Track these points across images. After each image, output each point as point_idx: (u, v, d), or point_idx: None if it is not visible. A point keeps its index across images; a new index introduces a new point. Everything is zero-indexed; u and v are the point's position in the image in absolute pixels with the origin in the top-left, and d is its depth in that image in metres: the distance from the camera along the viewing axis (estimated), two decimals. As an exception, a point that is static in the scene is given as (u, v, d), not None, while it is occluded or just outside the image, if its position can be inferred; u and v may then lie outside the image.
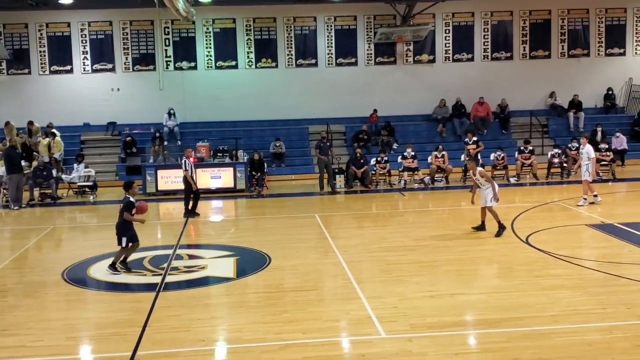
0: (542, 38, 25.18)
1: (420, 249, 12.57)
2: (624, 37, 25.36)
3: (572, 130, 23.95)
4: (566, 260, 11.40)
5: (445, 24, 25.02)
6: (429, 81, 24.93)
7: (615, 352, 7.50)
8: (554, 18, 25.15)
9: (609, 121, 24.16)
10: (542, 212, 16.01)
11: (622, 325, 8.30)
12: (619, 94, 25.47)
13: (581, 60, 25.30)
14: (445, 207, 17.47)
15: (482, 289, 10.01)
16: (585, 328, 8.24)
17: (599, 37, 25.34)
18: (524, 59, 25.22)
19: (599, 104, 25.39)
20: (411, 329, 8.35)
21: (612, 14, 25.34)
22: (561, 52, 25.29)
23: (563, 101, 24.73)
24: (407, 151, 20.96)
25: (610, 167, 20.96)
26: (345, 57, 24.92)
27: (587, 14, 25.25)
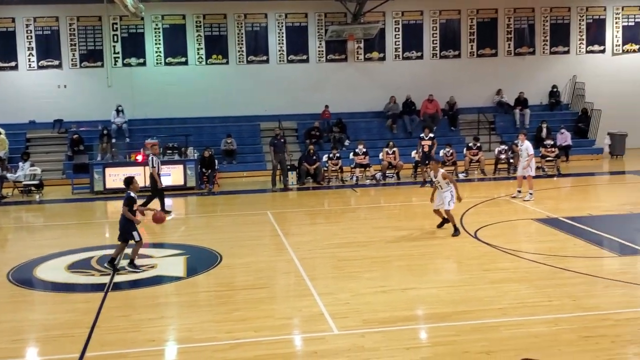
0: (489, 37, 25.63)
1: (372, 244, 12.65)
2: (568, 36, 25.99)
3: (519, 126, 24.44)
4: (513, 254, 11.63)
5: (395, 22, 25.23)
6: (379, 78, 25.11)
7: (560, 344, 7.69)
8: (500, 17, 25.62)
9: (553, 118, 24.74)
10: (489, 207, 16.30)
11: (568, 317, 8.52)
12: (564, 91, 26.09)
13: (527, 58, 25.83)
14: (397, 203, 17.63)
15: (433, 283, 10.14)
16: (532, 320, 8.43)
17: (544, 35, 25.90)
18: (471, 57, 25.62)
19: (544, 101, 25.97)
20: (363, 324, 8.41)
21: (556, 13, 25.94)
22: (507, 51, 25.76)
23: (509, 98, 25.22)
24: (359, 148, 21.09)
25: (555, 162, 21.48)
26: (296, 54, 24.91)
27: (533, 13, 25.79)
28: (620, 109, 25.23)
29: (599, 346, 7.58)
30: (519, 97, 24.97)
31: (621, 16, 26.08)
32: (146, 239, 14.51)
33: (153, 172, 16.23)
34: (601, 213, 15.19)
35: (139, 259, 11.52)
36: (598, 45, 26.06)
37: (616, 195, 18.13)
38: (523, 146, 16.85)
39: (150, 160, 16.42)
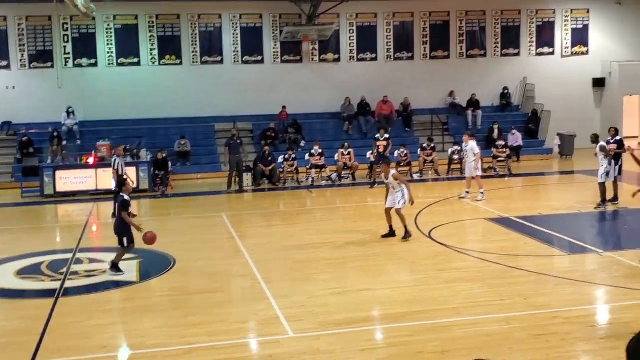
0: (442, 39, 25.93)
1: (327, 246, 12.67)
2: (518, 38, 26.46)
3: (471, 127, 24.76)
4: (466, 254, 11.79)
5: (350, 24, 25.33)
6: (334, 80, 25.18)
7: (512, 342, 7.82)
8: (452, 20, 25.94)
9: (505, 119, 25.15)
10: (443, 207, 16.50)
11: (519, 316, 8.66)
12: (514, 92, 26.56)
13: (478, 60, 26.22)
14: (352, 204, 17.70)
15: (387, 284, 10.21)
16: (485, 319, 8.55)
17: (495, 38, 26.33)
18: (424, 59, 25.88)
19: (496, 103, 26.39)
20: (319, 327, 8.41)
21: (507, 16, 26.39)
22: (460, 53, 26.11)
23: (462, 100, 25.56)
24: (315, 149, 21.11)
25: (506, 163, 21.86)
26: (251, 55, 24.79)
27: (484, 15, 26.19)
28: (569, 110, 25.81)
29: (549, 344, 7.72)
30: (471, 98, 25.33)
31: (570, 19, 26.68)
32: (97, 243, 14.29)
33: (113, 174, 16.14)
34: (551, 212, 15.51)
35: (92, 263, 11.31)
36: (548, 47, 26.61)
37: (566, 194, 18.55)
38: (468, 147, 17.10)
39: (113, 162, 16.34)
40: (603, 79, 26.63)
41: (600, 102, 26.92)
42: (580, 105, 26.49)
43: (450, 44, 25.96)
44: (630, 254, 11.48)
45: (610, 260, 11.24)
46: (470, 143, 17.14)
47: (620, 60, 26.38)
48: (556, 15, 26.55)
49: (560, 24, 26.59)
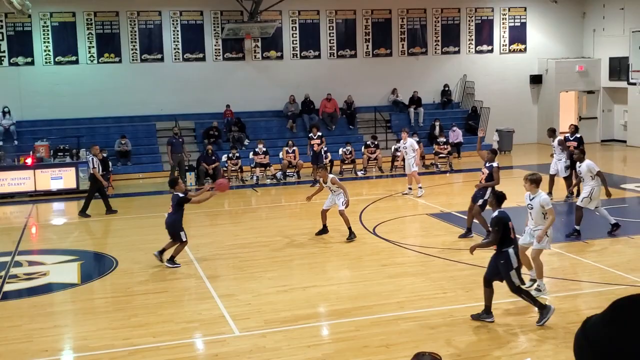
0: (384, 37, 26.17)
1: (273, 244, 12.67)
2: (458, 36, 26.93)
3: (413, 125, 25.10)
4: (410, 249, 11.97)
5: (292, 22, 25.32)
6: (278, 77, 25.13)
7: (455, 334, 7.98)
8: (394, 18, 26.21)
9: (445, 116, 25.57)
10: (387, 203, 16.69)
11: (461, 308, 8.85)
12: (455, 90, 27.02)
13: (420, 58, 26.57)
14: (297, 202, 17.73)
15: (333, 280, 10.28)
16: (429, 312, 8.71)
17: (436, 36, 26.73)
18: (367, 57, 26.08)
19: (437, 100, 26.80)
20: (265, 324, 8.41)
21: (447, 14, 26.82)
22: (402, 51, 26.40)
23: (404, 97, 25.85)
24: (259, 147, 21.04)
25: (447, 159, 22.24)
26: (192, 53, 24.52)
27: (425, 14, 26.55)
28: (508, 107, 26.42)
29: (490, 335, 7.91)
30: (413, 96, 25.66)
31: (508, 17, 27.29)
32: (37, 245, 13.92)
33: (94, 173, 16.02)
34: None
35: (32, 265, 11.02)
36: (486, 45, 27.15)
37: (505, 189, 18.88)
38: (407, 143, 17.33)
39: (90, 160, 16.25)
40: (540, 76, 27.35)
41: (537, 98, 27.65)
42: (518, 101, 27.15)
43: (392, 42, 26.23)
44: (565, 245, 11.84)
45: (547, 252, 11.55)
46: (409, 140, 17.40)
47: (556, 57, 27.14)
48: (494, 14, 27.12)
49: (499, 22, 27.18)
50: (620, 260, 11.07)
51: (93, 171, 16.14)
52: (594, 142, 26.44)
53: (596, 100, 27.30)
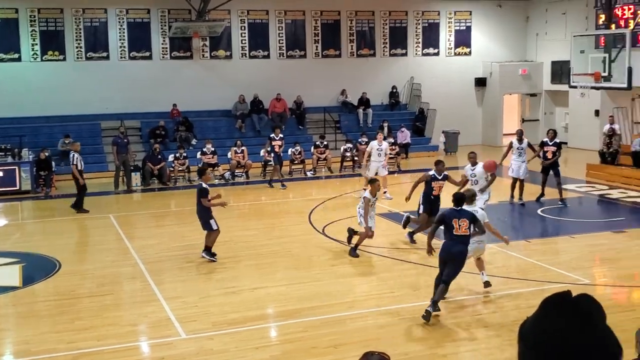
0: (333, 38, 26.26)
1: (221, 245, 12.52)
2: (405, 39, 27.20)
3: (362, 125, 25.26)
4: (359, 249, 12.00)
5: (241, 21, 25.16)
6: (227, 77, 24.93)
7: (403, 333, 8.05)
8: (343, 19, 26.32)
9: (393, 117, 25.81)
10: (337, 203, 16.72)
11: (409, 307, 8.93)
12: (402, 91, 27.28)
13: (368, 60, 26.74)
14: (246, 202, 17.62)
15: (282, 281, 10.24)
16: (377, 312, 8.76)
17: (384, 38, 26.94)
18: (316, 57, 26.12)
19: (385, 101, 27.02)
20: (212, 327, 8.33)
21: (395, 17, 27.07)
22: (350, 52, 26.53)
23: (353, 98, 25.99)
24: (207, 147, 20.83)
25: (395, 160, 22.44)
26: (139, 51, 24.12)
27: (373, 16, 26.74)
28: (453, 109, 26.81)
29: (437, 333, 8.01)
30: (362, 97, 25.81)
31: (453, 21, 27.70)
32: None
33: (73, 170, 15.77)
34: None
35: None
36: (433, 48, 27.52)
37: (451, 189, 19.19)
38: (382, 146, 17.40)
39: (71, 157, 15.95)
40: (484, 79, 27.85)
41: (482, 100, 28.15)
42: (464, 103, 27.60)
43: (342, 43, 26.33)
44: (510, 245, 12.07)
45: (492, 252, 11.77)
46: (384, 143, 17.53)
47: (500, 60, 27.68)
48: (441, 17, 27.50)
49: (445, 25, 27.57)
50: (563, 259, 11.37)
51: (72, 167, 15.93)
52: (535, 144, 27.04)
53: (538, 102, 27.96)
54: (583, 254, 11.50)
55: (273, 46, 25.52)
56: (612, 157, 19.40)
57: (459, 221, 8.45)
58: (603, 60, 17.55)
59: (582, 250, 11.76)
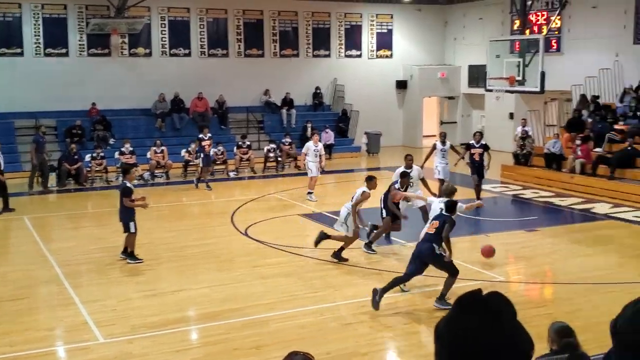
0: (256, 37, 26.16)
1: (140, 247, 12.27)
2: (328, 40, 27.41)
3: (285, 126, 25.29)
4: (282, 249, 12.03)
5: (161, 18, 24.72)
6: (146, 75, 24.44)
7: (325, 332, 8.12)
8: (266, 19, 26.26)
9: (317, 118, 25.96)
10: (259, 204, 16.68)
11: (332, 307, 9.02)
12: (326, 92, 27.47)
13: (292, 60, 26.79)
14: (166, 204, 17.32)
15: (204, 283, 10.14)
16: (300, 312, 8.80)
17: (307, 39, 27.05)
18: (239, 56, 25.95)
19: (309, 102, 27.14)
20: (132, 330, 8.16)
21: (318, 18, 27.21)
22: (274, 52, 26.51)
23: (276, 99, 25.98)
24: (125, 146, 20.37)
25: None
26: (55, 48, 23.34)
27: (296, 17, 26.80)
28: (375, 110, 27.21)
29: (358, 332, 8.12)
30: (286, 97, 25.84)
31: (375, 23, 28.11)
32: None
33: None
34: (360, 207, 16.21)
35: None
36: (355, 50, 27.84)
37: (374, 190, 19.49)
38: (318, 147, 17.39)
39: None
40: (405, 81, 28.39)
41: (403, 103, 28.68)
42: (385, 105, 28.04)
43: (265, 43, 26.26)
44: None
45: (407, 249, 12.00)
46: (320, 144, 17.50)
47: (420, 64, 28.28)
48: (363, 20, 27.84)
49: (367, 28, 27.94)
50: (478, 257, 11.70)
51: None
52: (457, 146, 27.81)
53: (456, 105, 28.74)
54: (498, 252, 11.86)
55: (194, 44, 25.21)
56: (525, 159, 20.15)
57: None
58: (517, 64, 18.15)
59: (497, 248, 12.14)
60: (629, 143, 17.68)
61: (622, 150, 17.75)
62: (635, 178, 17.11)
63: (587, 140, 18.74)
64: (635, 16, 20.35)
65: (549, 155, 19.34)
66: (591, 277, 10.42)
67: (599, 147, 18.62)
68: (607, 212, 15.37)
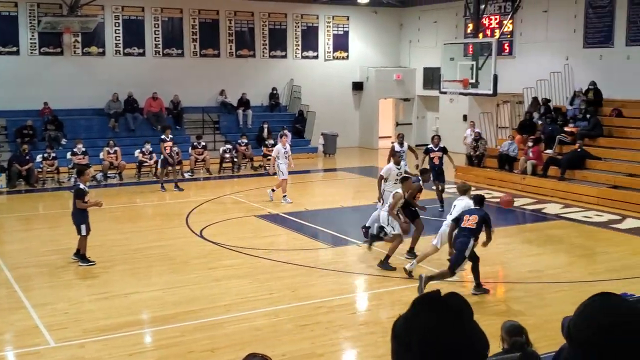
0: (212, 37, 25.96)
1: (92, 249, 12.07)
2: (285, 41, 27.38)
3: (242, 127, 25.15)
4: (237, 251, 11.97)
5: (115, 17, 24.34)
6: (100, 74, 24.03)
7: (280, 334, 8.10)
8: (222, 19, 26.08)
9: (274, 119, 25.88)
10: (215, 205, 16.56)
11: (287, 308, 9.01)
12: (282, 93, 27.44)
13: (248, 60, 26.66)
14: (119, 205, 17.06)
15: (157, 285, 10.02)
16: (255, 314, 8.76)
17: (264, 39, 26.97)
18: (194, 56, 25.72)
19: (265, 103, 27.05)
20: (83, 334, 8.01)
21: (274, 19, 27.15)
22: (229, 52, 26.34)
23: (233, 99, 25.84)
24: (78, 147, 19.99)
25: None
26: (5, 46, 22.76)
27: (252, 17, 26.68)
28: (332, 112, 27.28)
29: (314, 333, 8.12)
30: (242, 98, 25.70)
31: (332, 25, 28.19)
32: None
33: None
34: (316, 208, 16.29)
35: None
36: (312, 51, 27.87)
37: (329, 190, 19.59)
38: (287, 148, 17.23)
39: None
40: (361, 83, 28.55)
41: (359, 104, 28.83)
42: (342, 106, 28.14)
43: (220, 43, 26.09)
44: (385, 244, 12.43)
45: (359, 250, 12.09)
46: (288, 145, 17.29)
47: (376, 65, 28.47)
48: (319, 21, 27.89)
49: (323, 29, 28.00)
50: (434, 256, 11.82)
51: None
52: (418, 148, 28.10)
53: (411, 107, 29.01)
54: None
55: (149, 44, 24.90)
56: (478, 160, 20.46)
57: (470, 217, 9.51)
58: (471, 67, 18.39)
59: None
60: (578, 145, 18.11)
61: (572, 152, 18.18)
62: (585, 179, 17.53)
63: (538, 142, 19.13)
64: (585, 20, 20.86)
65: (502, 156, 19.68)
66: (543, 276, 10.63)
67: (549, 149, 19.03)
68: (557, 213, 15.70)
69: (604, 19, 20.30)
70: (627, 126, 18.59)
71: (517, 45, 23.38)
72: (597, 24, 20.50)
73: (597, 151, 18.24)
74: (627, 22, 19.62)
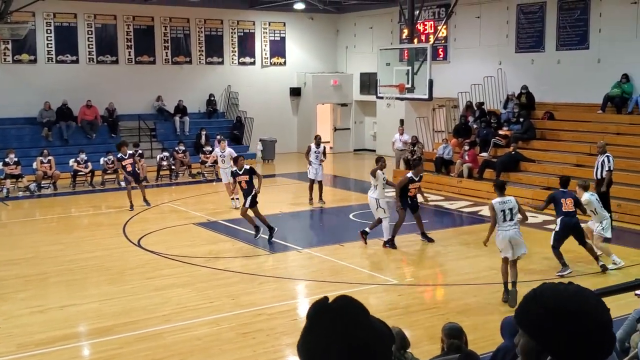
0: (147, 44, 25.58)
1: (26, 262, 11.74)
2: (221, 47, 27.21)
3: (179, 134, 24.86)
4: (176, 260, 11.82)
5: (47, 24, 23.73)
6: (31, 82, 23.37)
7: (222, 343, 8.04)
8: (157, 25, 25.74)
9: (211, 125, 25.67)
10: (153, 214, 16.32)
11: (228, 316, 8.95)
12: (220, 99, 27.26)
13: (184, 67, 26.39)
14: (54, 215, 16.64)
15: (94, 297, 9.80)
16: (196, 323, 8.68)
17: (200, 46, 26.74)
18: (129, 63, 25.30)
19: (202, 109, 26.83)
20: (17, 349, 7.79)
21: (210, 25, 26.96)
22: (165, 59, 26.01)
23: (169, 106, 25.52)
24: (9, 157, 19.40)
25: (214, 168, 22.26)
26: None
27: (188, 23, 26.43)
28: (270, 117, 27.26)
29: (255, 340, 8.10)
30: (179, 104, 25.41)
31: (268, 31, 28.18)
32: None
33: None
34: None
35: None
36: (249, 57, 27.78)
37: (269, 196, 19.50)
38: (225, 152, 17.19)
39: None
40: (299, 89, 28.63)
41: (297, 109, 28.90)
42: (280, 112, 28.16)
43: (156, 49, 25.75)
44: (325, 249, 12.52)
45: (307, 256, 12.15)
46: (228, 149, 17.29)
47: (313, 71, 28.60)
48: (256, 27, 27.85)
49: (260, 35, 27.96)
50: (372, 260, 11.98)
51: None
52: (347, 152, 28.39)
53: (349, 112, 29.25)
54: (391, 256, 12.18)
55: (82, 51, 24.38)
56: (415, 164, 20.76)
57: (566, 200, 10.67)
58: (407, 72, 18.65)
59: (390, 251, 12.45)
60: (512, 147, 18.60)
61: (507, 155, 18.65)
62: (519, 181, 18.00)
63: (474, 146, 19.57)
64: (517, 26, 21.47)
65: (439, 160, 20.04)
66: (480, 277, 10.87)
67: (484, 152, 19.48)
68: (492, 214, 16.05)
69: (535, 25, 20.92)
70: (559, 129, 19.18)
71: (451, 50, 23.88)
72: (529, 30, 21.13)
73: (530, 153, 18.76)
74: (557, 28, 20.28)
